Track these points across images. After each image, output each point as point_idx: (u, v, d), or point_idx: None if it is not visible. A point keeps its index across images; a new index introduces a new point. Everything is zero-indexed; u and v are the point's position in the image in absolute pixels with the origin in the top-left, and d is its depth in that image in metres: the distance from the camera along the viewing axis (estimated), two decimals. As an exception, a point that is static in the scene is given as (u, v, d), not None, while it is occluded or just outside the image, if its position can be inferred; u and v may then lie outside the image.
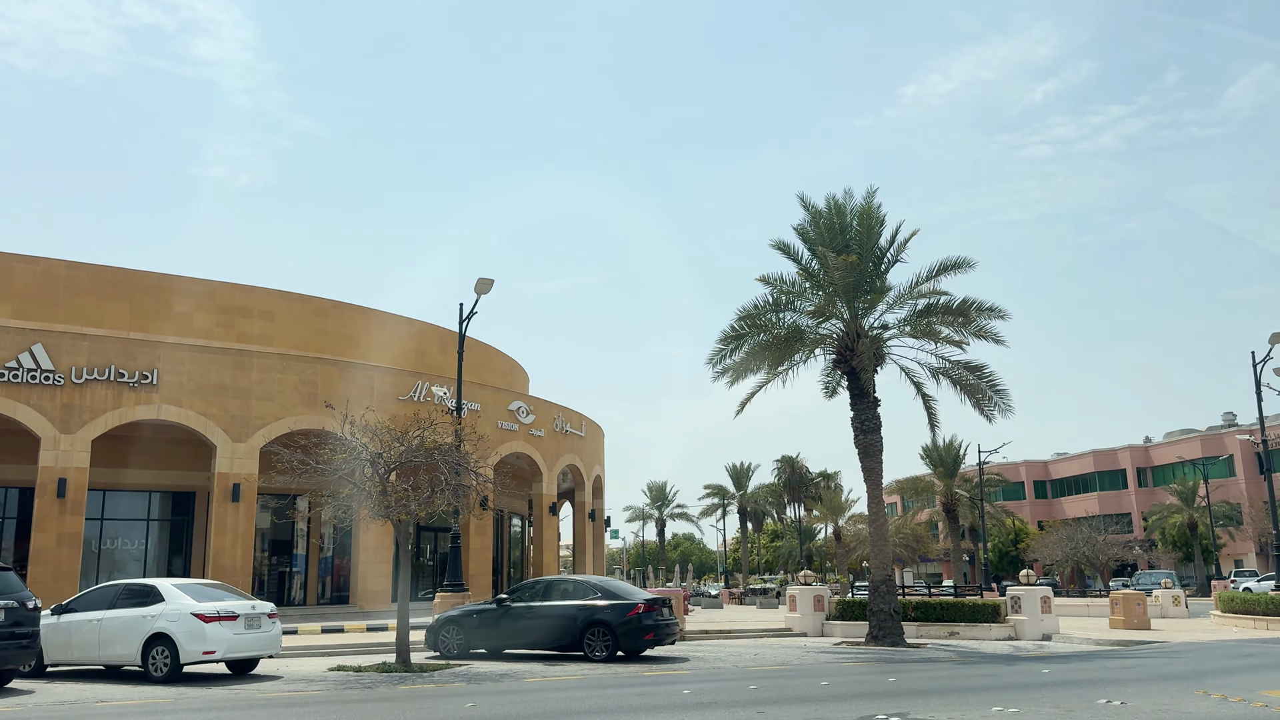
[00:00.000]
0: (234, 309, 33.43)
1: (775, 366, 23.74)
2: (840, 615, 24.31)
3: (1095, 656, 17.19)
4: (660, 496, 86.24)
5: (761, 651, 18.86)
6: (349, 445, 15.69)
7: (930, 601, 24.62)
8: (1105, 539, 58.55)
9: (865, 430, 22.51)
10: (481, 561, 33.26)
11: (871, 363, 22.22)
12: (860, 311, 22.97)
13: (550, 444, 37.06)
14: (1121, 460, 77.73)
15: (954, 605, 23.99)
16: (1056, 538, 57.91)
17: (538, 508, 37.60)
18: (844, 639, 22.48)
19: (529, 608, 17.32)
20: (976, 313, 22.38)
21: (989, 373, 23.26)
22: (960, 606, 23.79)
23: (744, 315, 23.28)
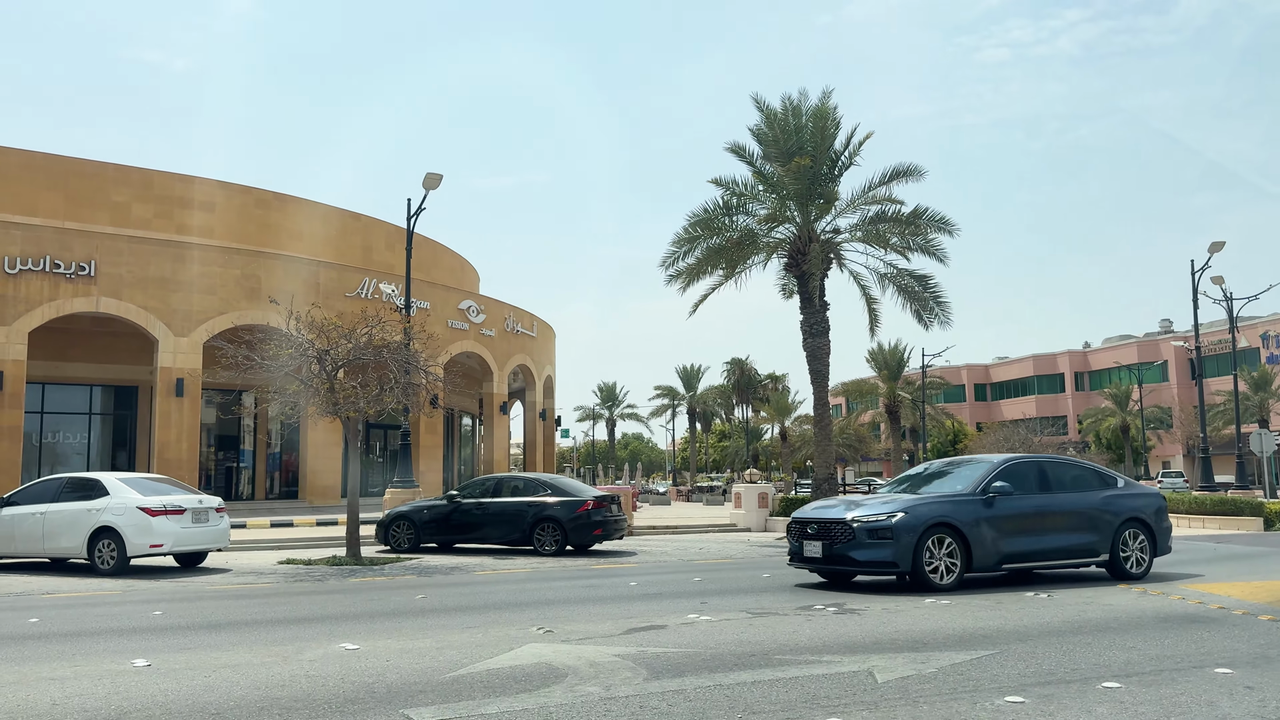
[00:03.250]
0: (173, 199, 32.37)
1: (729, 270, 23.76)
2: (784, 512, 24.96)
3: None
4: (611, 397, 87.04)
5: (707, 546, 19.34)
6: (295, 341, 15.47)
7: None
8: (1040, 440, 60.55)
9: (813, 334, 22.76)
10: (432, 459, 33.41)
11: (821, 267, 22.36)
12: (812, 216, 22.96)
13: (501, 344, 36.95)
14: (1060, 364, 79.80)
15: (893, 503, 24.78)
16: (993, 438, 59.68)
17: (488, 407, 37.71)
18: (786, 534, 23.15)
19: (480, 504, 17.49)
20: (927, 224, 22.52)
21: (934, 284, 23.58)
22: (899, 504, 24.58)
23: (697, 218, 23.21)
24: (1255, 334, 63.00)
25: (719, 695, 5.64)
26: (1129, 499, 11.94)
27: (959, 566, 10.71)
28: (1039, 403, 79.23)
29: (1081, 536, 11.49)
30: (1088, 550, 11.54)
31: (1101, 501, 11.72)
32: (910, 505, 10.81)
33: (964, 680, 6.04)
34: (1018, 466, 11.56)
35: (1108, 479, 12.09)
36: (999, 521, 10.94)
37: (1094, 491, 11.82)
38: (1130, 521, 11.82)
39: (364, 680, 6.10)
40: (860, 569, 10.88)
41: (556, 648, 7.20)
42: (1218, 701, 5.47)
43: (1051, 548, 11.29)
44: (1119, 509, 11.76)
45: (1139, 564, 11.83)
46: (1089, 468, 12.22)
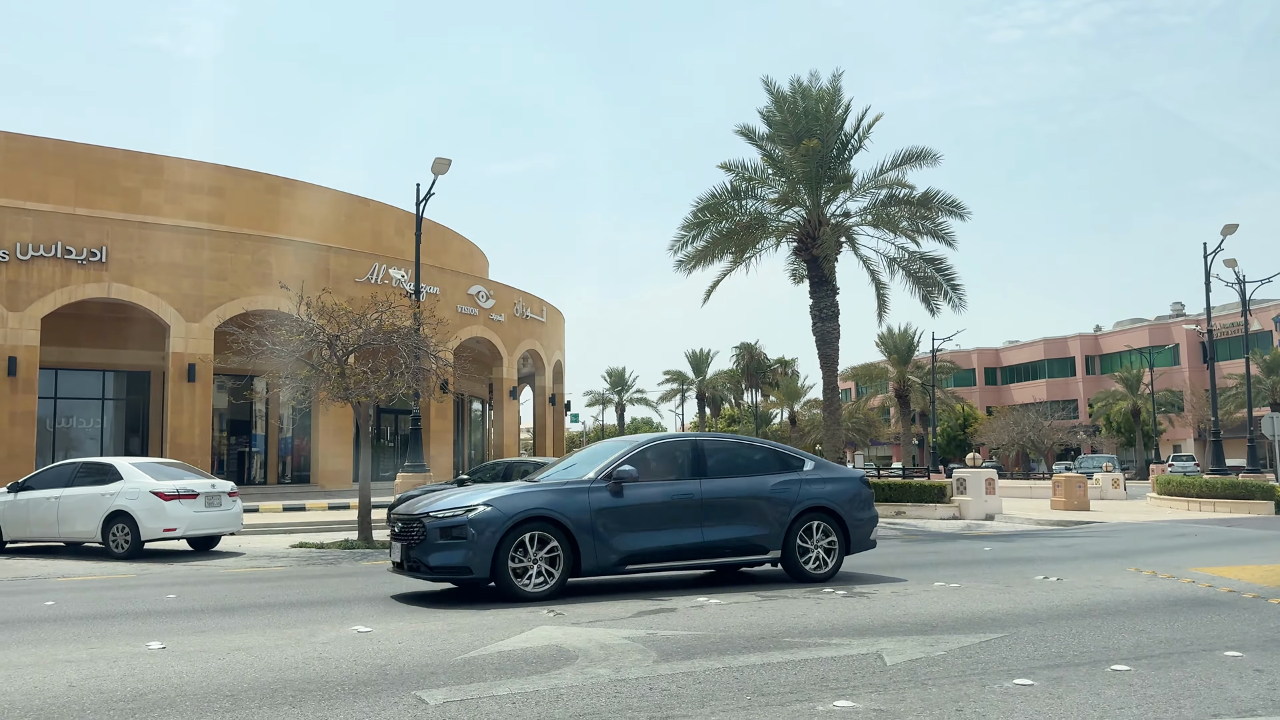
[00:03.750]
0: (183, 185, 32.45)
1: (738, 254, 23.71)
2: (793, 496, 24.97)
3: (1035, 535, 17.92)
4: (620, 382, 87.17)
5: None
6: (306, 327, 15.52)
7: (879, 483, 25.37)
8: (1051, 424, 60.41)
9: (823, 318, 22.72)
10: (442, 443, 33.54)
11: (833, 251, 22.28)
12: (823, 199, 22.87)
13: (510, 329, 36.99)
14: (1071, 348, 79.47)
15: (902, 486, 24.77)
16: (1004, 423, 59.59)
17: (498, 391, 37.80)
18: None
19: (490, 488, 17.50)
20: (938, 207, 22.41)
21: (947, 266, 23.48)
22: (908, 488, 24.57)
23: (706, 203, 23.12)
24: (1268, 317, 62.62)
25: (728, 677, 5.67)
26: (813, 484, 10.16)
27: (561, 570, 8.85)
28: (1049, 386, 78.99)
29: (743, 529, 9.70)
30: (751, 546, 9.75)
31: (775, 488, 9.95)
32: (501, 496, 8.90)
33: (973, 663, 6.05)
34: (662, 447, 9.79)
35: (791, 461, 10.36)
36: (625, 514, 9.11)
37: (766, 476, 10.00)
38: (813, 512, 10.07)
39: (376, 662, 6.14)
40: (435, 576, 8.85)
41: (567, 630, 7.24)
42: (1227, 684, 5.47)
43: (699, 544, 9.46)
44: (798, 496, 10.01)
45: (821, 562, 10.07)
46: (766, 448, 10.39)
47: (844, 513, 10.25)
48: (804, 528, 10.04)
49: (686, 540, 9.42)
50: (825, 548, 10.14)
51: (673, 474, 9.65)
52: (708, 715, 4.84)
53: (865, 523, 10.50)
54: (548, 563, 8.83)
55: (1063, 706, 4.99)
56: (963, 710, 4.92)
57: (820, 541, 10.12)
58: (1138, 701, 5.09)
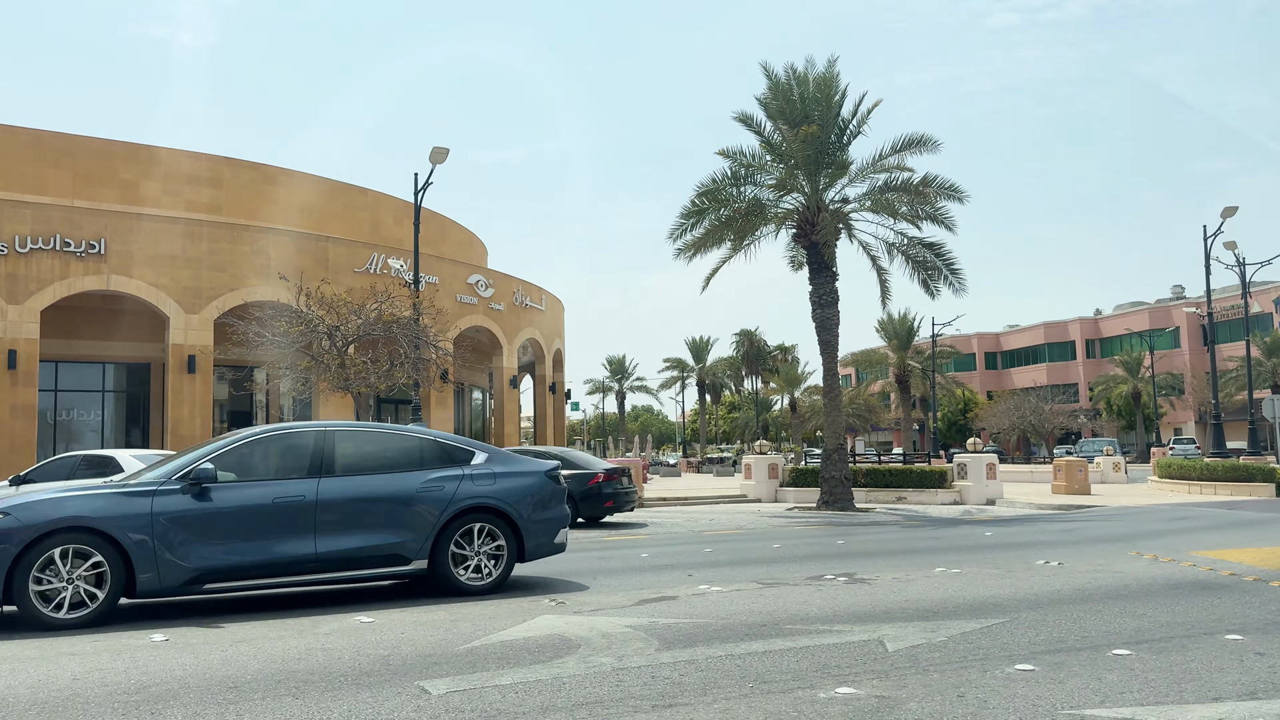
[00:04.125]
0: (180, 176, 32.36)
1: (737, 241, 23.66)
2: (793, 482, 25.03)
3: (1036, 520, 17.96)
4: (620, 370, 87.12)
5: (717, 517, 19.42)
6: (305, 318, 15.50)
7: (880, 468, 25.43)
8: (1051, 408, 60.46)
9: (823, 304, 22.69)
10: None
11: (833, 237, 22.22)
12: (821, 185, 22.81)
13: (510, 317, 36.96)
14: (1071, 332, 79.46)
15: (902, 472, 24.82)
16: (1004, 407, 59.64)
17: (498, 380, 37.80)
18: (796, 505, 23.23)
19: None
20: (936, 191, 22.34)
21: (946, 250, 23.43)
22: (908, 473, 24.62)
23: (704, 190, 23.05)
24: (1268, 299, 62.55)
25: (730, 665, 5.68)
26: (478, 481, 8.70)
27: (107, 592, 7.34)
28: (1050, 370, 79.02)
29: (374, 536, 8.23)
30: (386, 555, 8.28)
31: (424, 486, 8.48)
32: (26, 502, 7.30)
33: (974, 649, 6.06)
34: (273, 440, 8.28)
35: (456, 454, 8.85)
36: (204, 522, 7.65)
37: (415, 473, 8.54)
38: (475, 513, 8.64)
39: (379, 653, 6.16)
40: None
41: (569, 619, 7.25)
42: (1228, 668, 5.48)
43: (311, 555, 7.98)
44: (454, 495, 8.55)
45: (482, 571, 8.66)
46: (423, 439, 8.86)
47: (516, 513, 8.80)
48: (462, 531, 8.60)
49: (292, 551, 7.92)
50: (490, 554, 8.73)
51: (288, 472, 8.12)
52: (710, 703, 4.85)
53: (546, 524, 9.03)
54: (91, 582, 7.31)
55: (1064, 691, 5.00)
56: (964, 696, 4.93)
57: (484, 547, 8.69)
58: (1139, 686, 5.11)
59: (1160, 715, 4.56)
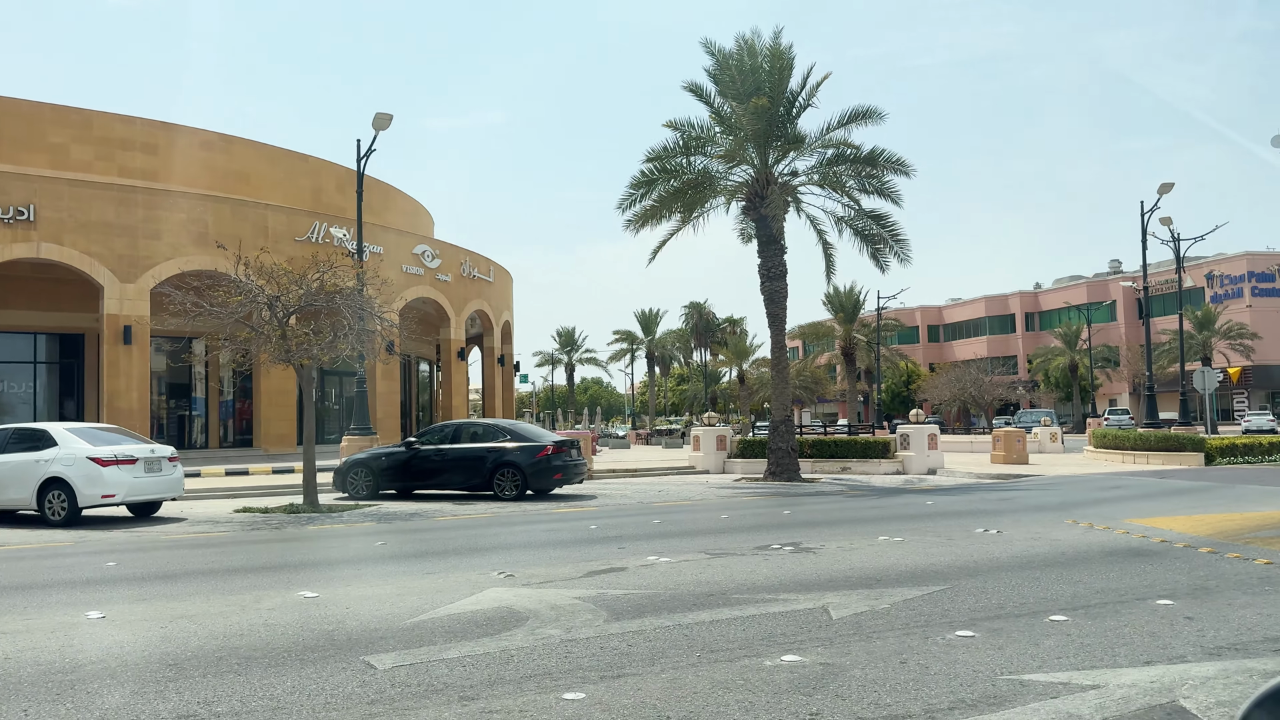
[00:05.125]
0: (114, 141, 31.34)
1: (686, 213, 23.58)
2: (741, 454, 25.24)
3: (976, 489, 18.34)
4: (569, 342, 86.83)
5: (666, 489, 19.53)
6: (245, 288, 15.15)
7: (826, 440, 25.75)
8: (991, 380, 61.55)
9: (771, 277, 22.77)
10: (389, 405, 33.20)
11: (782, 210, 22.24)
12: (771, 159, 22.80)
13: (457, 289, 36.59)
14: (1011, 305, 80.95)
15: (847, 443, 25.16)
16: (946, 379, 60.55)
17: (446, 353, 37.45)
18: (744, 476, 23.43)
19: (438, 450, 17.43)
20: (883, 165, 22.46)
21: (892, 222, 23.60)
22: (853, 444, 24.97)
23: (652, 158, 22.91)
24: (1201, 274, 64.33)
25: (678, 635, 5.72)
26: None
27: None
28: (990, 343, 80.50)
29: None
30: None
31: None
32: None
33: (916, 615, 6.18)
34: None
35: None
36: None
37: None
38: None
39: (324, 628, 6.09)
40: None
41: (518, 592, 7.24)
42: (1159, 632, 5.66)
43: None
44: None
45: None
46: None
47: None
48: None
49: None
50: None
51: None
52: (658, 673, 4.88)
53: None
54: None
55: (1003, 657, 5.12)
56: (906, 662, 5.02)
57: None
58: (1075, 651, 5.24)
59: (1095, 679, 4.69)
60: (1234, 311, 61.41)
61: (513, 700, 4.46)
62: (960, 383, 54.50)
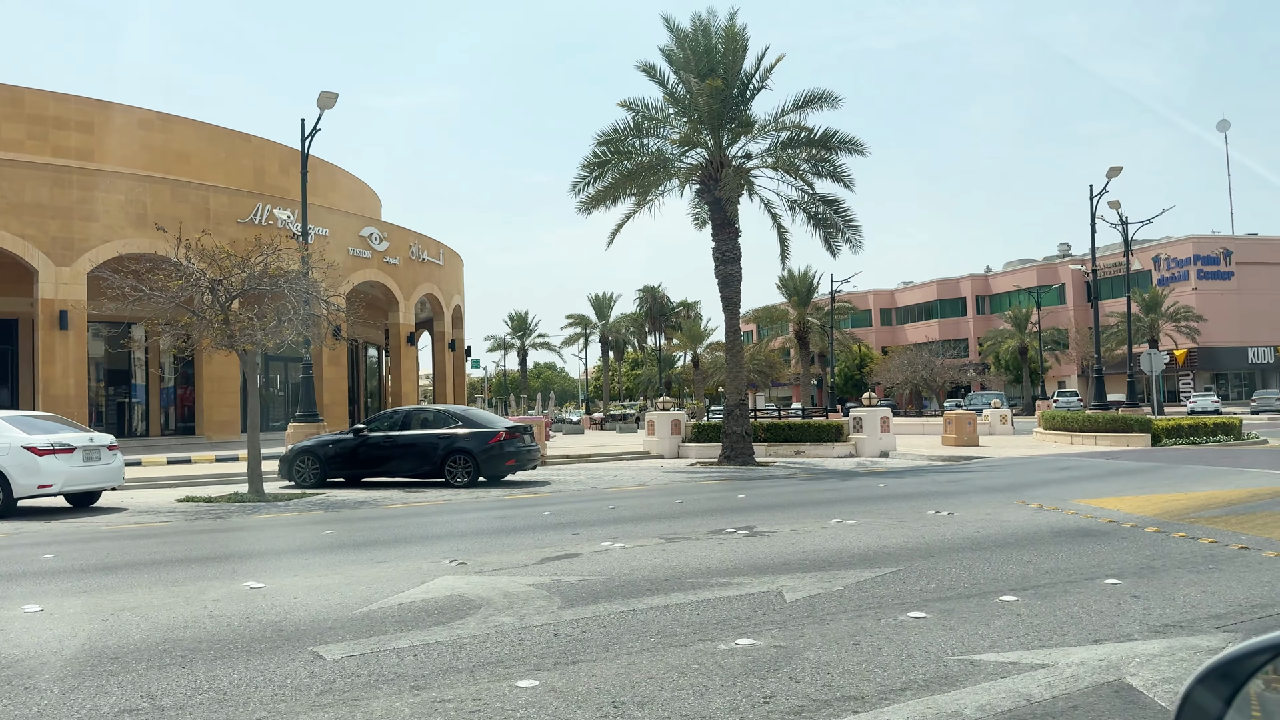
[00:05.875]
0: (47, 119, 30.43)
1: (641, 196, 23.54)
2: (696, 438, 25.36)
3: (927, 471, 18.64)
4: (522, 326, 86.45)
5: (620, 474, 19.57)
6: (186, 271, 14.84)
7: (780, 423, 25.98)
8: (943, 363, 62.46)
9: (725, 261, 22.84)
10: (336, 392, 32.81)
11: (735, 193, 22.31)
12: (725, 141, 22.84)
13: (406, 272, 36.20)
14: (963, 289, 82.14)
15: (801, 426, 25.42)
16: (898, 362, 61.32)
17: (395, 338, 37.07)
18: (699, 460, 23.56)
19: (388, 437, 17.28)
20: (837, 144, 22.59)
21: (845, 207, 23.76)
22: (807, 427, 25.23)
23: (605, 139, 22.81)
24: (1148, 257, 65.80)
25: (632, 620, 5.74)
26: None
27: None
28: (942, 326, 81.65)
29: None
30: None
31: None
32: None
33: (869, 597, 6.27)
34: None
35: None
36: None
37: None
38: None
39: (270, 619, 6.01)
40: None
41: (470, 580, 7.21)
42: (1107, 611, 5.80)
43: None
44: None
45: None
46: None
47: None
48: None
49: None
50: None
51: None
52: (613, 659, 4.89)
53: None
54: None
55: (954, 637, 5.22)
56: (859, 644, 5.10)
57: None
58: (1024, 630, 5.36)
59: (1044, 658, 4.80)
60: (1180, 294, 62.89)
61: (465, 689, 4.45)
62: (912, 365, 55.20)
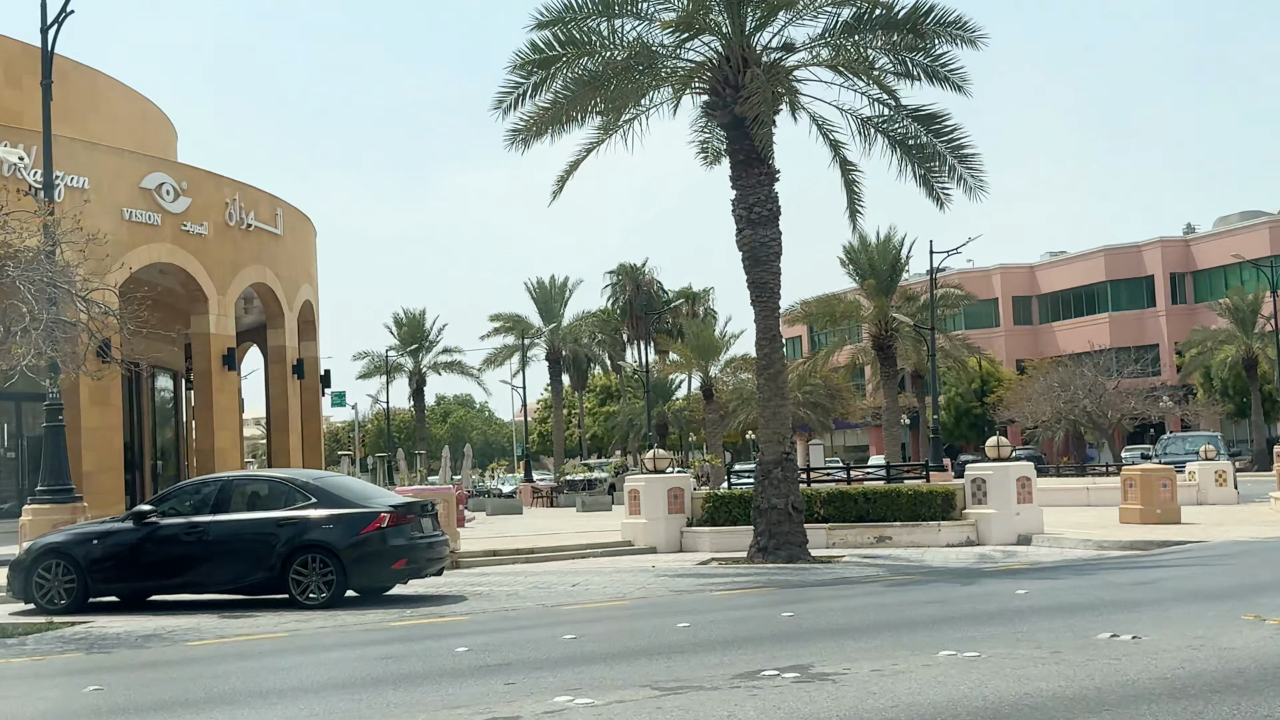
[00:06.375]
0: None
1: (613, 114, 23.54)
2: (710, 518, 25.30)
3: (1097, 568, 18.58)
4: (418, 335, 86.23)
5: (585, 580, 19.45)
6: None
7: (850, 491, 25.94)
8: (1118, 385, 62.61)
9: (755, 222, 22.80)
10: (105, 450, 32.63)
11: (769, 108, 22.30)
12: (750, 22, 22.86)
13: (221, 247, 36.09)
14: (1148, 262, 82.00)
15: (886, 495, 25.39)
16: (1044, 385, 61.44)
17: (203, 358, 36.90)
18: (715, 554, 23.46)
19: (193, 525, 17.18)
20: (934, 29, 22.60)
21: (952, 127, 23.74)
22: (895, 497, 25.20)
23: (550, 20, 22.68)
24: None
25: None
26: None
27: None
28: (1115, 324, 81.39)
29: None
30: None
31: None
32: None
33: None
34: None
35: None
36: None
37: None
38: None
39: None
40: None
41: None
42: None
43: None
44: None
45: None
46: None
47: None
48: None
49: None
50: None
51: None
52: None
53: None
54: None
55: None
56: None
57: None
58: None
59: None
60: None
61: None
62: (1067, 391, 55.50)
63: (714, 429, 69.13)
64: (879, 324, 61.92)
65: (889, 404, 62.84)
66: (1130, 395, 62.86)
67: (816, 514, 24.37)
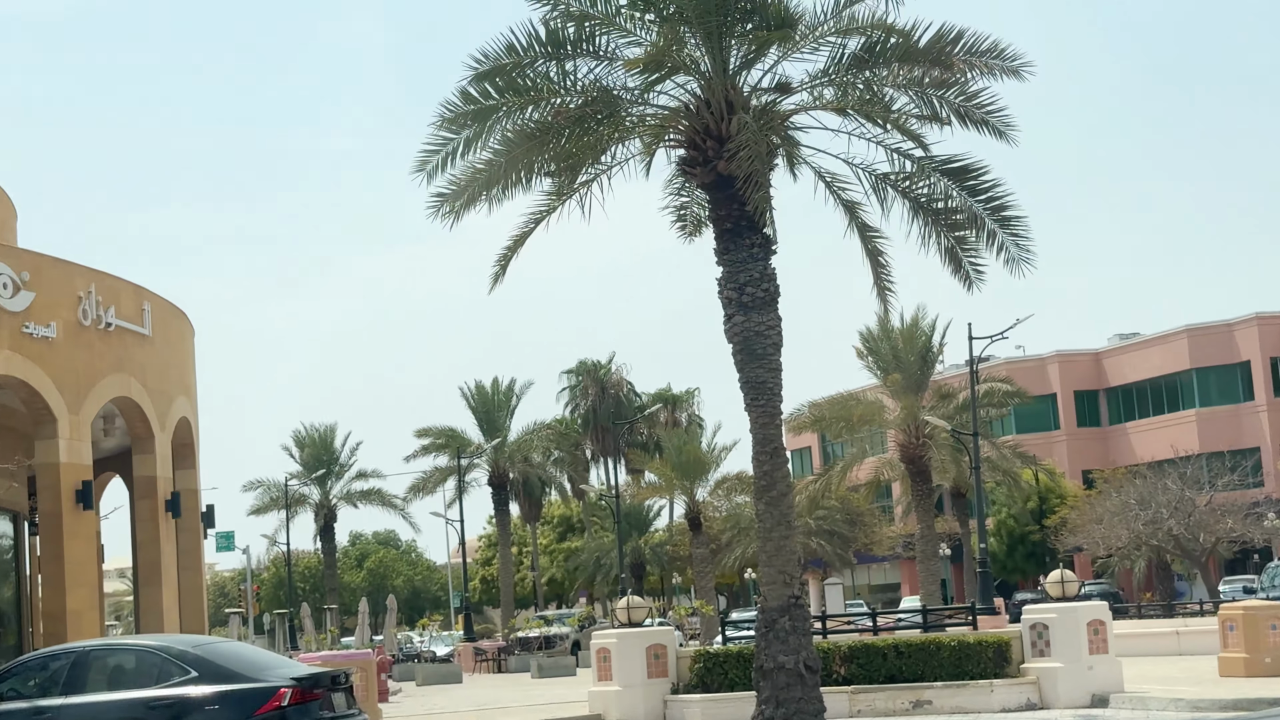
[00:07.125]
0: None
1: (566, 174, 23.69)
2: (701, 682, 25.18)
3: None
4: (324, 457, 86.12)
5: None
6: None
7: (878, 644, 25.83)
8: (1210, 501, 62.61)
9: (749, 305, 22.86)
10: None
11: (763, 162, 22.42)
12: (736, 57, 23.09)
13: (74, 353, 36.09)
14: (1243, 344, 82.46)
15: (923, 648, 25.29)
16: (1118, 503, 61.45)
17: (51, 495, 36.75)
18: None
19: (38, 711, 17.08)
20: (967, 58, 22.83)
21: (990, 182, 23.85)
22: (935, 650, 25.11)
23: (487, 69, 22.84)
24: None
25: None
26: None
27: None
28: (1204, 422, 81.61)
29: None
30: None
31: None
32: None
33: None
34: None
35: None
36: None
37: None
38: None
39: None
40: None
41: None
42: None
43: None
44: None
45: None
46: None
47: None
48: None
49: None
50: None
51: None
52: None
53: None
54: None
55: None
56: None
57: None
58: None
59: None
60: None
61: None
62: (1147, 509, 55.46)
63: (703, 567, 68.86)
64: (908, 430, 62.10)
65: (924, 530, 62.86)
66: (1227, 513, 62.70)
67: (836, 674, 24.28)
